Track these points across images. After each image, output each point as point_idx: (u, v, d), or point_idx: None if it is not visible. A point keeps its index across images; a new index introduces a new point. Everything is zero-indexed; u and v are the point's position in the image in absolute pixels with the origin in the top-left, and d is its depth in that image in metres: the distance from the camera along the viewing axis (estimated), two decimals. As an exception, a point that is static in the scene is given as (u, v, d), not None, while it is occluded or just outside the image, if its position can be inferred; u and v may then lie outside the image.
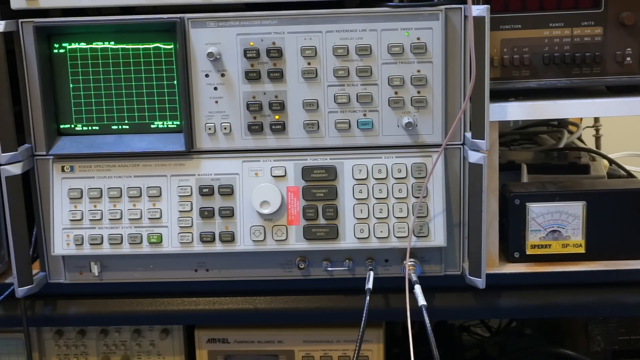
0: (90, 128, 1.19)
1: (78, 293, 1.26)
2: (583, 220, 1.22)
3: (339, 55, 1.14)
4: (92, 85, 1.17)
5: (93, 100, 1.18)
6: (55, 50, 1.16)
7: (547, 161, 1.50)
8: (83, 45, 1.16)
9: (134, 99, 1.18)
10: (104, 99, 1.18)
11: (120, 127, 1.19)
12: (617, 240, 1.23)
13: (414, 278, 1.14)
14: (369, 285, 1.15)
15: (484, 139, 1.11)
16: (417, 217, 1.16)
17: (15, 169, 1.16)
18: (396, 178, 1.16)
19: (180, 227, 1.18)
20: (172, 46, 1.15)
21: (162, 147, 1.18)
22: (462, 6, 1.12)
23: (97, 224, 1.19)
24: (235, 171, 1.18)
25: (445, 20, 1.13)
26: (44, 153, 1.19)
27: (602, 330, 1.34)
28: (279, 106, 1.16)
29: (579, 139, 1.66)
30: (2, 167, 1.15)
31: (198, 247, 1.19)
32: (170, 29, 1.14)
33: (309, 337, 1.31)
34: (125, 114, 1.18)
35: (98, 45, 1.16)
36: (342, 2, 1.18)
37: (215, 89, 1.16)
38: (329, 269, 1.21)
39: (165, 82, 1.17)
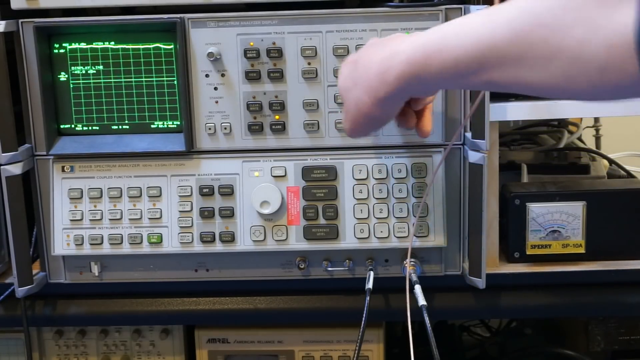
0: (90, 128, 1.19)
1: (78, 293, 1.26)
2: (583, 220, 1.22)
3: (339, 55, 1.14)
4: (92, 85, 1.17)
5: (93, 100, 1.18)
6: (55, 50, 1.16)
7: (547, 161, 1.50)
8: (83, 45, 1.16)
9: (134, 99, 1.18)
10: (104, 99, 1.18)
11: (120, 127, 1.19)
12: (617, 240, 1.23)
13: (414, 278, 1.14)
14: (369, 285, 1.15)
15: (484, 139, 1.11)
16: (417, 217, 1.16)
17: (16, 169, 1.16)
18: (396, 178, 1.16)
19: (180, 227, 1.18)
20: (172, 46, 1.15)
21: (162, 147, 1.18)
22: (462, 6, 1.12)
23: (97, 224, 1.19)
24: (235, 171, 1.18)
25: (445, 20, 1.13)
26: (44, 153, 1.19)
27: (602, 330, 1.34)
28: (279, 106, 1.16)
29: (579, 139, 1.66)
30: (2, 167, 1.15)
31: (198, 247, 1.19)
32: (170, 29, 1.14)
33: (309, 337, 1.31)
34: (125, 114, 1.18)
35: (98, 45, 1.16)
36: (342, 2, 1.18)
37: (216, 89, 1.16)
38: (329, 269, 1.21)
39: (165, 82, 1.17)
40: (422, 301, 1.09)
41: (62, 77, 1.17)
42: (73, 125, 1.19)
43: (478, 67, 0.72)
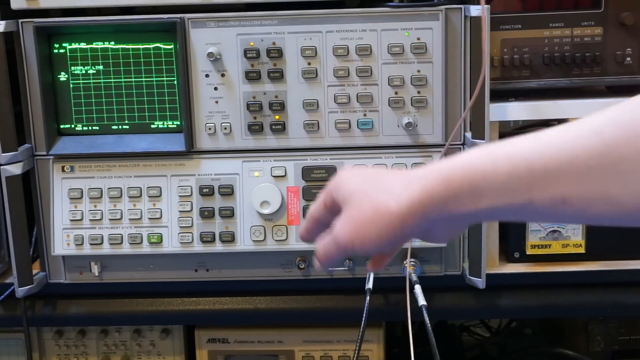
0: (90, 128, 1.19)
1: (78, 293, 1.26)
2: (583, 220, 1.22)
3: (339, 55, 1.14)
4: (92, 85, 1.17)
5: (93, 100, 1.18)
6: (55, 50, 1.16)
7: (547, 161, 1.49)
8: (83, 45, 1.16)
9: (134, 99, 1.18)
10: (104, 99, 1.18)
11: (120, 127, 1.19)
12: (617, 240, 1.23)
13: (414, 278, 1.14)
14: (369, 285, 1.15)
15: (484, 139, 1.11)
16: (417, 217, 1.16)
17: (16, 169, 1.16)
18: (396, 178, 1.16)
19: (180, 227, 1.18)
20: (172, 46, 1.15)
21: (162, 147, 1.18)
22: (462, 6, 1.12)
23: (97, 224, 1.19)
24: (235, 171, 1.18)
25: (445, 20, 1.13)
26: (44, 153, 1.19)
27: (602, 330, 1.34)
28: (279, 106, 1.16)
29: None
30: (2, 167, 1.15)
31: (198, 247, 1.19)
32: (170, 29, 1.14)
33: (309, 337, 1.31)
34: (125, 114, 1.18)
35: (98, 45, 1.16)
36: (342, 2, 1.18)
37: (216, 89, 1.16)
38: (329, 269, 1.21)
39: (165, 82, 1.17)
40: (422, 301, 1.09)
41: (62, 77, 1.17)
42: (73, 125, 1.19)
43: (555, 179, 0.61)
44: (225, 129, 1.17)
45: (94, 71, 1.17)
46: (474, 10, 1.09)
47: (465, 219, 0.69)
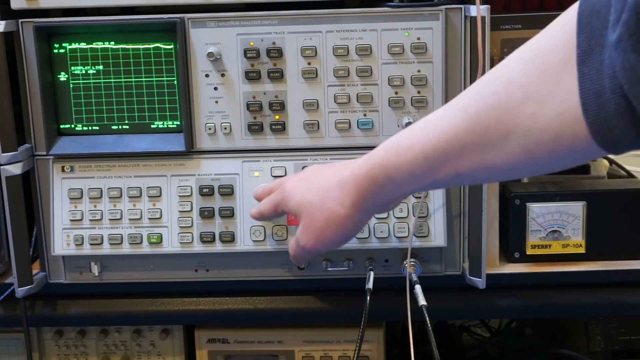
0: (90, 128, 1.19)
1: (78, 293, 1.26)
2: (583, 220, 1.22)
3: (339, 55, 1.14)
4: (92, 85, 1.17)
5: (93, 100, 1.18)
6: (55, 50, 1.16)
7: (547, 161, 1.49)
8: (83, 45, 1.16)
9: (134, 99, 1.18)
10: (104, 99, 1.18)
11: (120, 127, 1.19)
12: (617, 240, 1.23)
13: (414, 278, 1.14)
14: (369, 285, 1.15)
15: (484, 139, 1.11)
16: (417, 217, 1.16)
17: (15, 169, 1.16)
18: (396, 178, 1.16)
19: (180, 227, 1.18)
20: (172, 46, 1.15)
21: (162, 147, 1.18)
22: (462, 6, 1.12)
23: (97, 224, 1.19)
24: (235, 171, 1.18)
25: (445, 20, 1.13)
26: (44, 153, 1.19)
27: (602, 330, 1.34)
28: (279, 106, 1.16)
29: (579, 139, 1.65)
30: (2, 167, 1.15)
31: (198, 247, 1.19)
32: (170, 29, 1.14)
33: (309, 337, 1.30)
34: (125, 114, 1.18)
35: (98, 45, 1.16)
36: (342, 2, 1.18)
37: (215, 89, 1.16)
38: (329, 269, 1.21)
39: (165, 82, 1.17)
40: (422, 301, 1.09)
41: (62, 77, 1.17)
42: (73, 125, 1.19)
43: (444, 159, 0.74)
44: (225, 129, 1.17)
45: (94, 71, 1.17)
46: (474, 10, 1.09)
47: (397, 198, 0.93)
